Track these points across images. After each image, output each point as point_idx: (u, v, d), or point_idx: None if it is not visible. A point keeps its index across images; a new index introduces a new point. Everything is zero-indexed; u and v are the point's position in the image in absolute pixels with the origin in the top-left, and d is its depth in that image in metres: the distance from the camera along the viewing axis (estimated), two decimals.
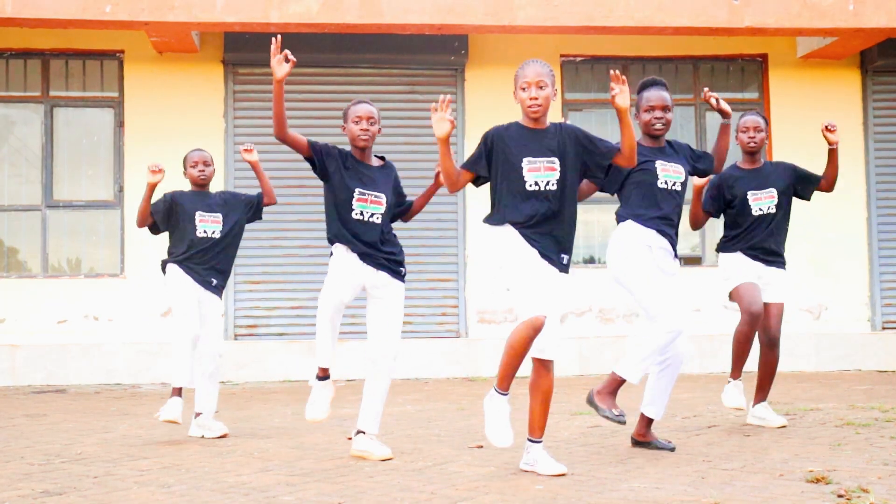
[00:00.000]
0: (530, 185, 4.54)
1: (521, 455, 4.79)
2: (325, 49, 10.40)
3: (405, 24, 9.52)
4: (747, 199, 6.07)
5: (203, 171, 6.33)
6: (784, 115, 10.92)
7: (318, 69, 10.62)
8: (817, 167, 6.34)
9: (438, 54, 10.48)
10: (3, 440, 6.11)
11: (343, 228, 5.15)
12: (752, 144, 6.12)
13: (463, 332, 10.52)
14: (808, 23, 9.69)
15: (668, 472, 4.59)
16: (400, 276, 5.26)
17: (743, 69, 11.15)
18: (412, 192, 5.65)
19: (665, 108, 5.27)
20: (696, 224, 6.27)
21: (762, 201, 6.07)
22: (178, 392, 5.95)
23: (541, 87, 4.55)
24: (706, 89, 5.53)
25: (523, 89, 4.58)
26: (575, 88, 10.90)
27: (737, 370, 6.06)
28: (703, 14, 9.63)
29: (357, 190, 5.15)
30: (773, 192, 6.09)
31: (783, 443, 5.43)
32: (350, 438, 5.65)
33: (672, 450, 5.23)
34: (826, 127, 6.01)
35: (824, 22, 9.68)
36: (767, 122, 6.28)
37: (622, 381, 5.19)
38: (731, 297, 6.09)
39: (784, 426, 6.01)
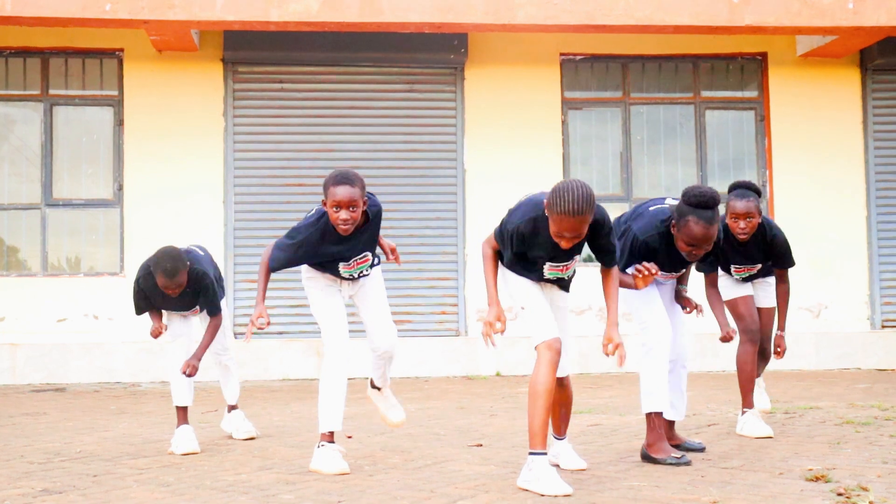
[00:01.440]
0: (546, 276, 4.48)
1: (522, 453, 4.78)
2: (324, 48, 10.40)
3: (405, 22, 9.52)
4: (729, 267, 5.80)
5: (175, 292, 5.54)
6: (784, 113, 10.92)
7: (318, 67, 10.62)
8: (816, 166, 6.31)
9: (438, 53, 10.47)
10: (2, 439, 6.11)
11: (329, 273, 4.97)
12: (742, 236, 5.56)
13: (462, 331, 10.51)
14: (808, 21, 9.69)
15: (668, 471, 4.60)
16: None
17: (743, 67, 11.15)
18: (411, 192, 5.60)
19: (707, 244, 4.81)
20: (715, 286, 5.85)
21: (743, 273, 5.83)
22: (184, 418, 5.62)
23: (576, 237, 4.18)
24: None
25: (559, 237, 4.19)
26: (575, 87, 10.89)
27: (747, 398, 5.72)
28: (703, 12, 9.62)
29: (340, 264, 4.90)
30: (754, 267, 5.81)
31: (782, 441, 5.43)
32: (350, 437, 5.65)
33: (702, 450, 5.11)
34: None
35: (824, 20, 9.68)
36: (759, 193, 5.64)
37: (656, 417, 4.91)
38: (729, 308, 5.87)
39: (767, 410, 6.05)
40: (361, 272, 4.94)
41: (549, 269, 4.45)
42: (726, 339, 5.46)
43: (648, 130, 10.98)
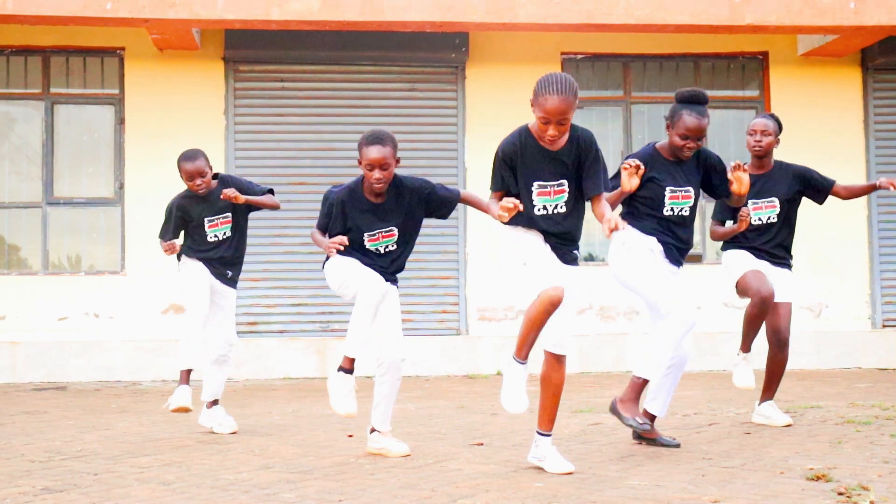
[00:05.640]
0: (539, 210, 4.50)
1: (523, 452, 4.79)
2: (325, 47, 10.40)
3: (406, 21, 9.52)
4: (747, 207, 5.92)
5: (200, 184, 6.04)
6: (785, 112, 10.81)
7: (319, 66, 10.62)
8: (817, 165, 6.31)
9: (439, 52, 10.47)
10: (3, 437, 6.11)
11: (357, 254, 5.08)
12: (757, 148, 5.98)
13: (463, 330, 10.51)
14: (809, 20, 9.69)
15: (669, 470, 4.59)
16: (396, 282, 5.28)
17: (744, 67, 11.14)
18: None
19: (700, 138, 5.14)
20: (714, 236, 6.16)
21: (762, 211, 5.94)
22: (185, 380, 5.89)
23: (562, 123, 4.38)
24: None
25: (544, 122, 4.37)
26: None
27: (746, 343, 5.95)
28: (704, 12, 9.62)
29: (366, 234, 5.07)
30: (775, 201, 5.97)
31: (783, 440, 5.43)
32: (351, 436, 5.65)
33: (677, 446, 5.22)
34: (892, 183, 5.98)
35: (825, 20, 9.68)
36: (780, 124, 6.08)
37: (644, 384, 5.17)
38: (739, 288, 5.97)
39: (789, 425, 5.98)
40: (387, 246, 5.09)
41: (537, 194, 4.46)
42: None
43: (649, 129, 10.98)
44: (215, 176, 6.22)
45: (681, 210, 5.21)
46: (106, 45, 10.44)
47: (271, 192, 6.38)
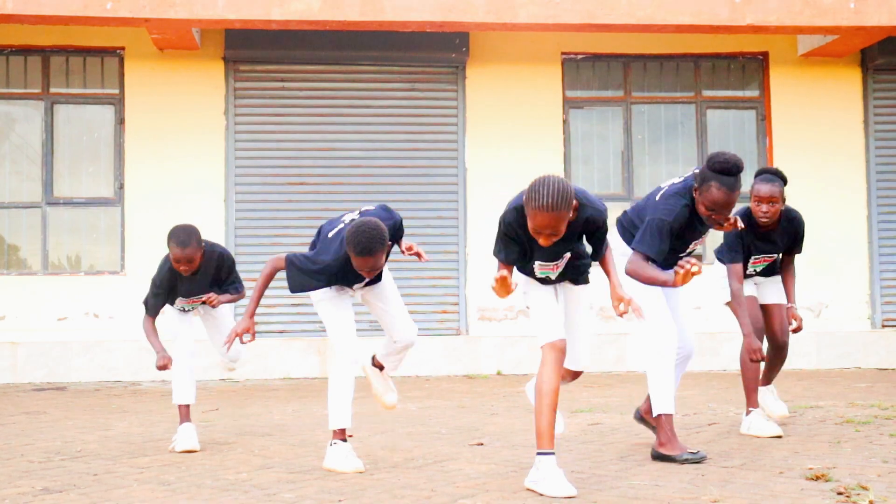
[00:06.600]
0: (539, 276, 4.44)
1: (523, 452, 4.78)
2: (326, 47, 10.40)
3: (406, 21, 9.52)
4: (748, 260, 5.75)
5: (187, 269, 5.66)
6: (785, 113, 10.91)
7: (319, 66, 10.61)
8: (817, 165, 6.30)
9: (439, 52, 10.47)
10: (3, 437, 6.11)
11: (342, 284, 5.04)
12: (764, 220, 5.56)
13: (463, 330, 10.51)
14: (810, 21, 9.69)
15: (668, 470, 4.60)
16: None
17: (744, 67, 11.14)
18: (411, 191, 5.59)
19: (728, 211, 4.85)
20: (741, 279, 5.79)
21: (760, 264, 5.79)
22: (186, 416, 5.60)
23: (554, 234, 4.06)
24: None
25: (535, 232, 4.08)
26: (576, 86, 10.89)
27: (752, 397, 5.67)
28: (704, 12, 9.62)
29: (355, 285, 5.03)
30: (774, 256, 5.80)
31: (783, 440, 5.43)
32: (350, 436, 5.65)
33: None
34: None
35: (825, 20, 9.68)
36: (785, 180, 5.66)
37: (668, 417, 4.91)
38: (730, 308, 5.86)
39: (785, 416, 5.94)
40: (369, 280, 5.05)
41: (539, 268, 4.38)
42: (754, 358, 5.46)
43: (650, 130, 10.99)
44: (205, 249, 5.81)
45: (695, 249, 5.19)
46: (106, 44, 10.45)
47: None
